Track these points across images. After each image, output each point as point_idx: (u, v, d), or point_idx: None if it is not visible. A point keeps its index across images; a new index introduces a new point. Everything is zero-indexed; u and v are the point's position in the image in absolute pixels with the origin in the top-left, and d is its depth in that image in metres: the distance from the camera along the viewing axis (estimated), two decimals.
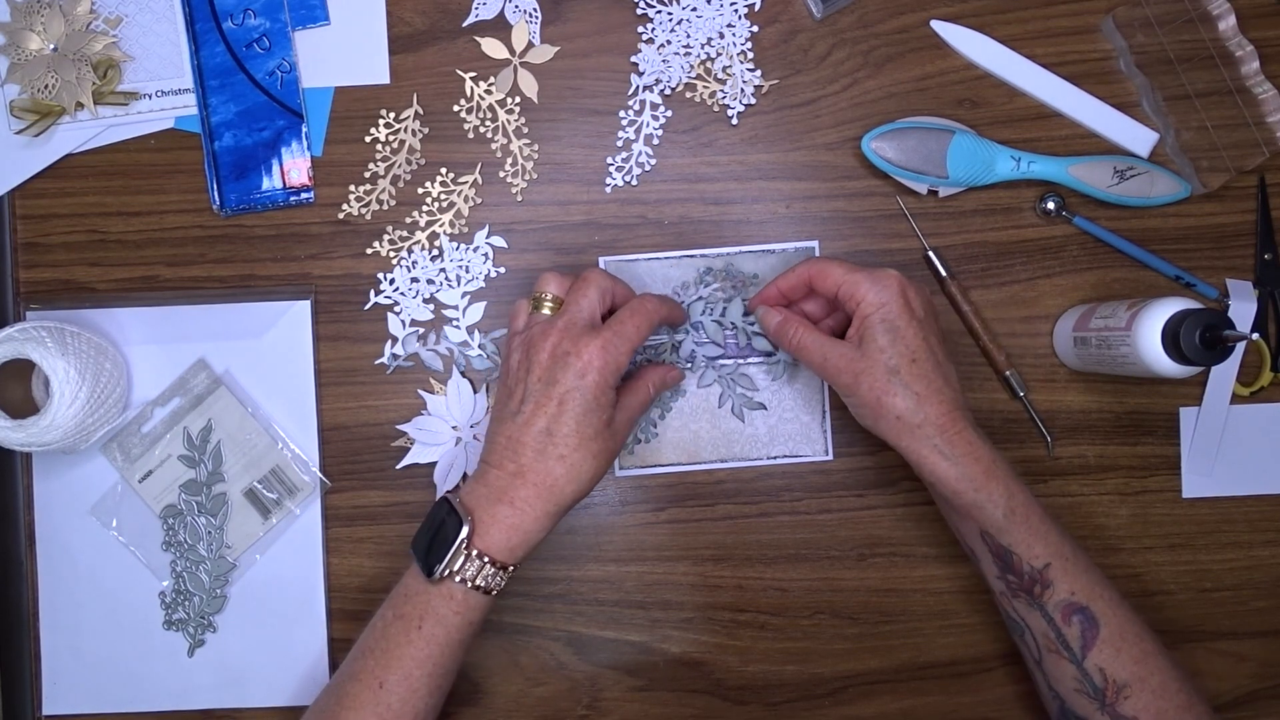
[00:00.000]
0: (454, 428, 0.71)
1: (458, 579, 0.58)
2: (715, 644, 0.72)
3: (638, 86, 0.71)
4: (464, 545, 0.57)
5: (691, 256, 0.72)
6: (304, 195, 0.72)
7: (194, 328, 0.71)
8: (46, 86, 0.71)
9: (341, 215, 0.72)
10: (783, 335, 0.64)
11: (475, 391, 0.71)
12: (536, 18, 0.72)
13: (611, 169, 0.72)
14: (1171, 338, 0.60)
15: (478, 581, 0.58)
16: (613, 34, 0.72)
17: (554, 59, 0.72)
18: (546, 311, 0.62)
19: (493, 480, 0.59)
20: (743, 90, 0.71)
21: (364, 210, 0.72)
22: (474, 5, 0.72)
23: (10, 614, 0.72)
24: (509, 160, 0.72)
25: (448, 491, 0.61)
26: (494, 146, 0.72)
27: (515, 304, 0.64)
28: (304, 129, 0.71)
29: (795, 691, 0.72)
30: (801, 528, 0.72)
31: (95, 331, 0.70)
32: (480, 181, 0.72)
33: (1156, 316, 0.61)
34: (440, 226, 0.72)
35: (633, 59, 0.72)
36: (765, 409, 0.71)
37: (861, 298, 0.60)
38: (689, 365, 0.71)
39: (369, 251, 0.72)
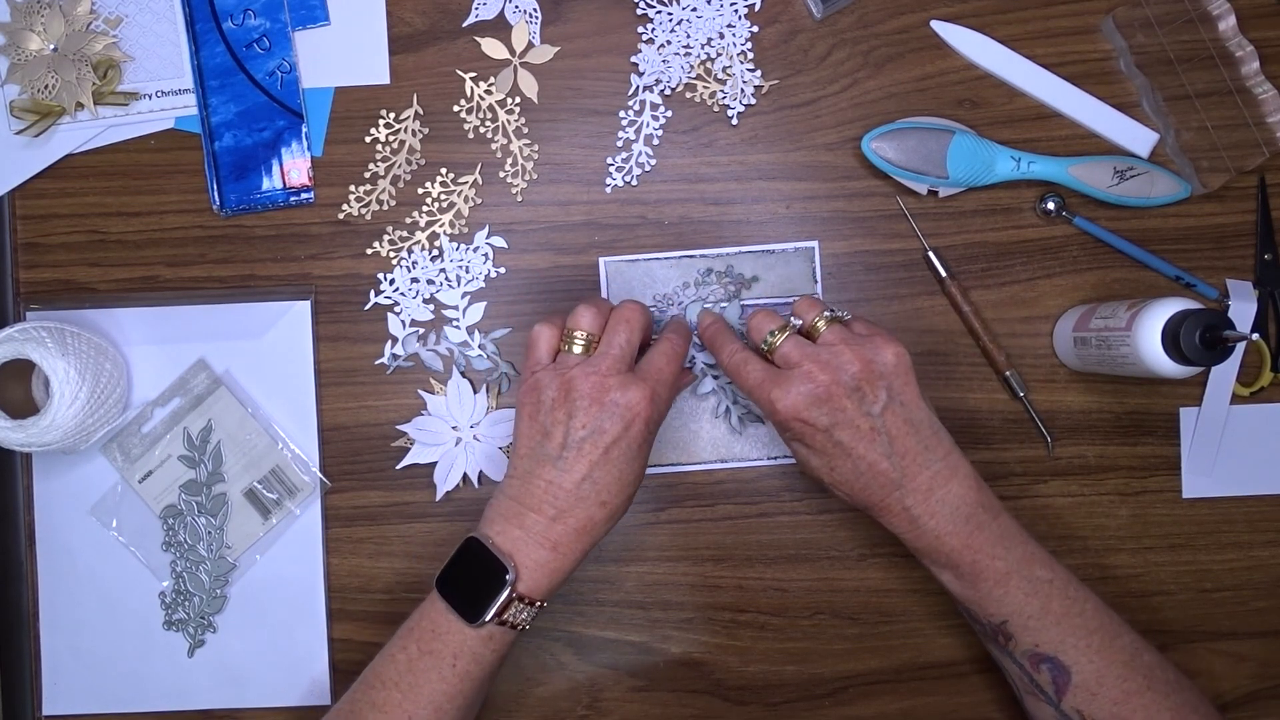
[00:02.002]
0: (454, 428, 0.71)
1: (496, 620, 0.58)
2: (715, 644, 0.72)
3: (638, 86, 0.71)
4: (510, 591, 0.57)
5: (691, 257, 0.72)
6: (304, 195, 0.72)
7: (194, 328, 0.72)
8: (46, 86, 0.71)
9: (341, 215, 0.72)
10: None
11: (475, 392, 0.71)
12: (536, 18, 0.72)
13: (611, 169, 0.72)
14: (1171, 338, 0.60)
15: (516, 621, 0.58)
16: (613, 34, 0.72)
17: (554, 59, 0.72)
18: (578, 349, 0.60)
19: (530, 525, 0.59)
20: (743, 90, 0.71)
21: (364, 210, 0.72)
22: (474, 5, 0.72)
23: (10, 614, 0.72)
24: (509, 160, 0.72)
25: (474, 531, 0.60)
26: (494, 146, 0.72)
27: (534, 330, 0.62)
28: (304, 129, 0.71)
29: (795, 691, 0.72)
30: (801, 528, 0.72)
31: (95, 331, 0.70)
32: (480, 181, 0.72)
33: (1156, 316, 0.61)
34: (440, 226, 0.72)
35: (633, 59, 0.72)
36: (762, 422, 0.71)
37: (766, 416, 0.62)
38: (690, 363, 0.71)
39: (369, 252, 0.72)
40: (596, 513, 0.59)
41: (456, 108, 0.72)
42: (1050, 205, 0.70)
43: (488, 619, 0.57)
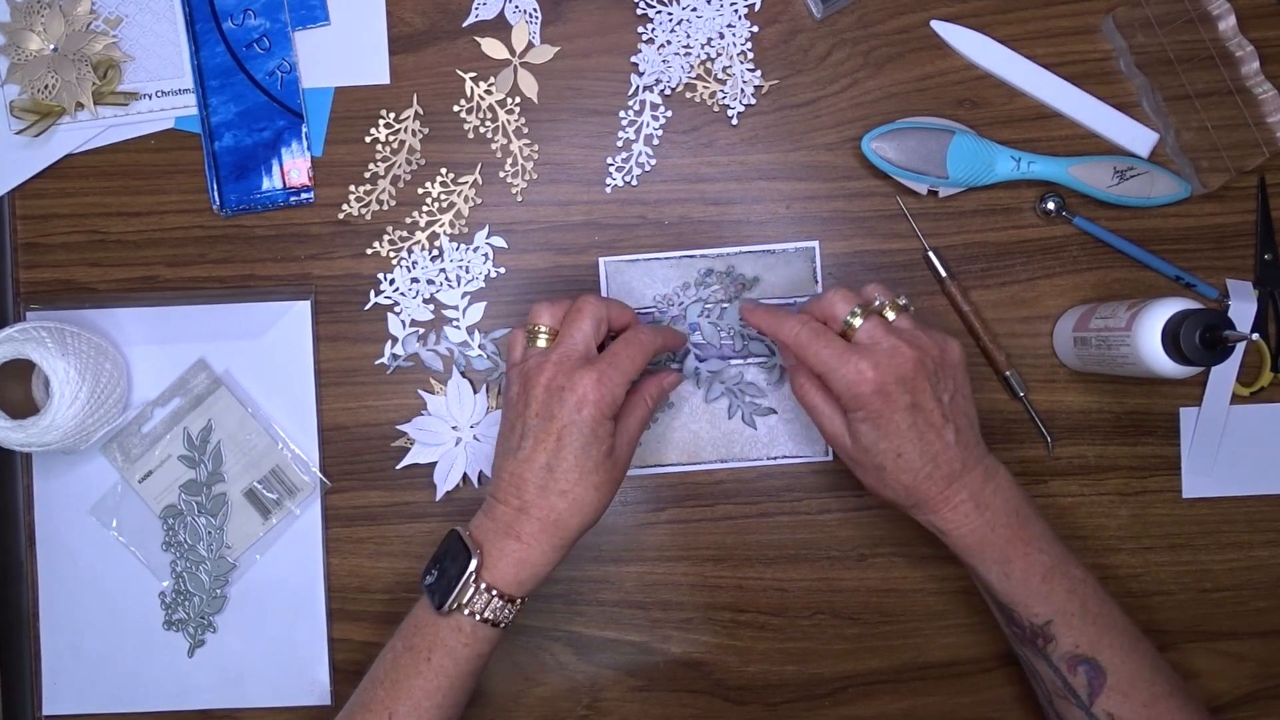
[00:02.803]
0: (454, 428, 0.71)
1: (466, 612, 0.58)
2: (715, 644, 0.72)
3: (638, 86, 0.71)
4: (472, 578, 0.57)
5: (691, 257, 0.72)
6: (304, 195, 0.72)
7: (194, 328, 0.72)
8: (46, 86, 0.71)
9: (341, 215, 0.72)
10: (794, 382, 0.64)
11: (475, 392, 0.71)
12: (536, 18, 0.72)
13: (611, 169, 0.72)
14: (1171, 338, 0.60)
15: (486, 614, 0.58)
16: (613, 34, 0.72)
17: (554, 59, 0.72)
18: (541, 343, 0.61)
19: (499, 515, 0.59)
20: (743, 90, 0.71)
21: (364, 210, 0.72)
22: (474, 5, 0.72)
23: (10, 614, 0.72)
24: (509, 160, 0.72)
25: (458, 525, 0.61)
26: (494, 146, 0.72)
27: (512, 333, 0.64)
28: (304, 129, 0.71)
29: (795, 691, 0.72)
30: (801, 528, 0.72)
31: (95, 331, 0.70)
32: (480, 181, 0.72)
33: (1156, 316, 0.61)
34: (440, 226, 0.72)
35: (633, 59, 0.72)
36: (776, 412, 0.71)
37: (838, 393, 0.59)
38: (695, 375, 0.71)
39: (369, 251, 0.72)
40: (558, 503, 0.58)
41: (456, 108, 0.72)
42: (1050, 205, 0.70)
43: (449, 603, 0.57)
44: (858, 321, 0.59)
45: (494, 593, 0.58)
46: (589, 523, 0.60)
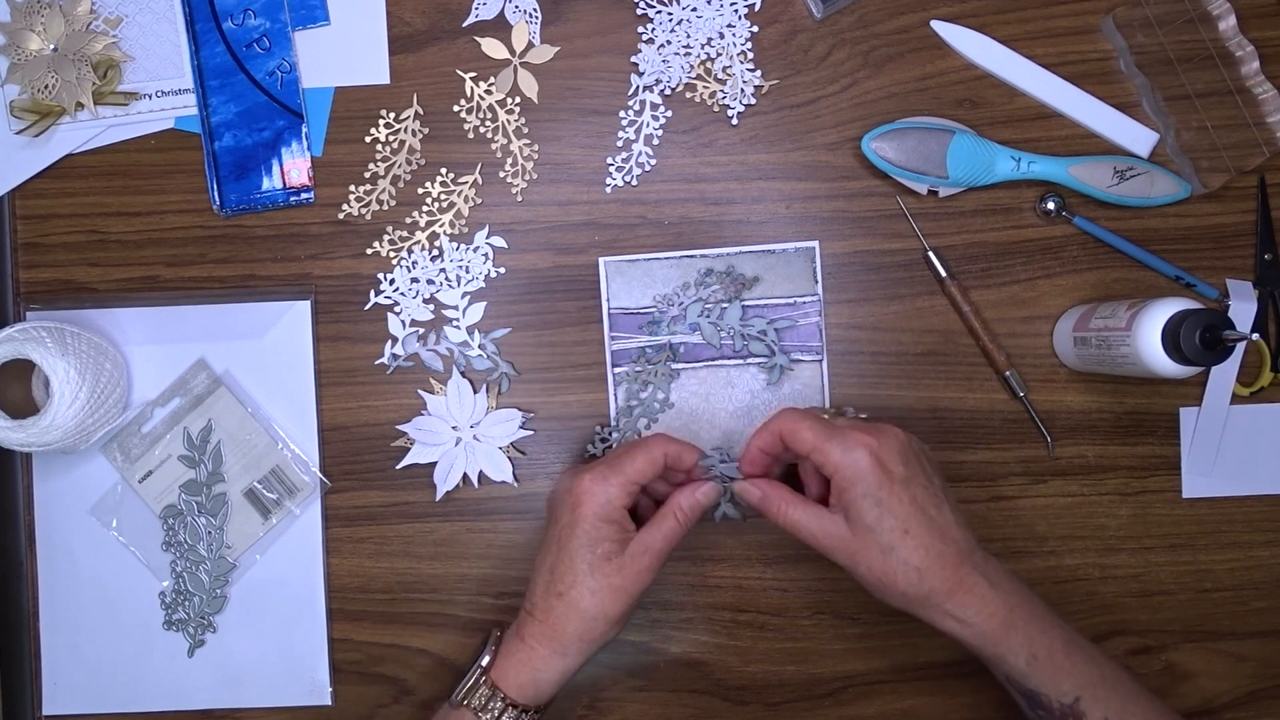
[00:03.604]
0: (454, 428, 0.71)
1: (471, 709, 0.59)
2: (715, 644, 0.72)
3: (638, 86, 0.72)
4: (480, 673, 0.59)
5: (691, 257, 0.72)
6: (304, 195, 0.72)
7: (194, 328, 0.72)
8: (46, 86, 0.71)
9: (341, 215, 0.72)
10: (767, 512, 0.61)
11: (475, 392, 0.71)
12: (536, 18, 0.72)
13: (611, 169, 0.72)
14: (1171, 338, 0.60)
15: (488, 712, 0.58)
16: (613, 34, 0.72)
17: (554, 59, 0.72)
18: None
19: (520, 616, 0.62)
20: (743, 90, 0.71)
21: (364, 210, 0.72)
22: (474, 5, 0.72)
23: (10, 614, 0.72)
24: (509, 160, 0.72)
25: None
26: (494, 146, 0.72)
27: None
28: (304, 129, 0.71)
29: (795, 691, 0.72)
30: None
31: (95, 331, 0.70)
32: (480, 181, 0.72)
33: (1156, 316, 0.61)
34: (440, 226, 0.72)
35: (633, 59, 0.72)
36: (743, 520, 0.68)
37: (834, 469, 0.57)
38: (709, 473, 0.66)
39: (369, 251, 0.72)
40: (555, 605, 0.59)
41: (456, 108, 0.72)
42: (1050, 205, 0.70)
43: (456, 695, 0.59)
44: (828, 416, 0.61)
45: (499, 694, 0.59)
46: (589, 630, 0.59)
